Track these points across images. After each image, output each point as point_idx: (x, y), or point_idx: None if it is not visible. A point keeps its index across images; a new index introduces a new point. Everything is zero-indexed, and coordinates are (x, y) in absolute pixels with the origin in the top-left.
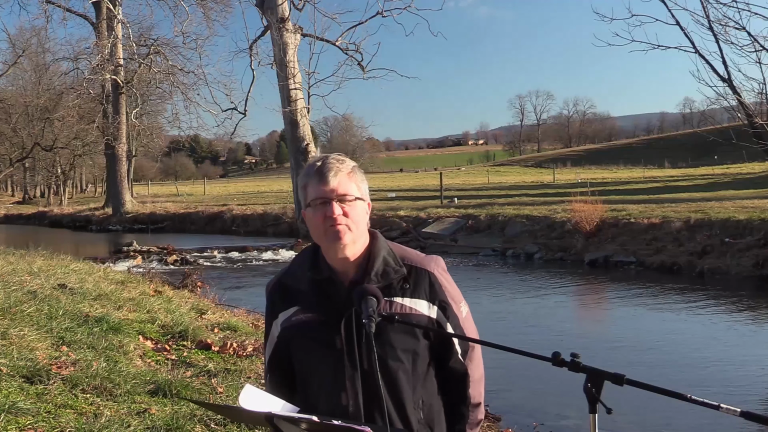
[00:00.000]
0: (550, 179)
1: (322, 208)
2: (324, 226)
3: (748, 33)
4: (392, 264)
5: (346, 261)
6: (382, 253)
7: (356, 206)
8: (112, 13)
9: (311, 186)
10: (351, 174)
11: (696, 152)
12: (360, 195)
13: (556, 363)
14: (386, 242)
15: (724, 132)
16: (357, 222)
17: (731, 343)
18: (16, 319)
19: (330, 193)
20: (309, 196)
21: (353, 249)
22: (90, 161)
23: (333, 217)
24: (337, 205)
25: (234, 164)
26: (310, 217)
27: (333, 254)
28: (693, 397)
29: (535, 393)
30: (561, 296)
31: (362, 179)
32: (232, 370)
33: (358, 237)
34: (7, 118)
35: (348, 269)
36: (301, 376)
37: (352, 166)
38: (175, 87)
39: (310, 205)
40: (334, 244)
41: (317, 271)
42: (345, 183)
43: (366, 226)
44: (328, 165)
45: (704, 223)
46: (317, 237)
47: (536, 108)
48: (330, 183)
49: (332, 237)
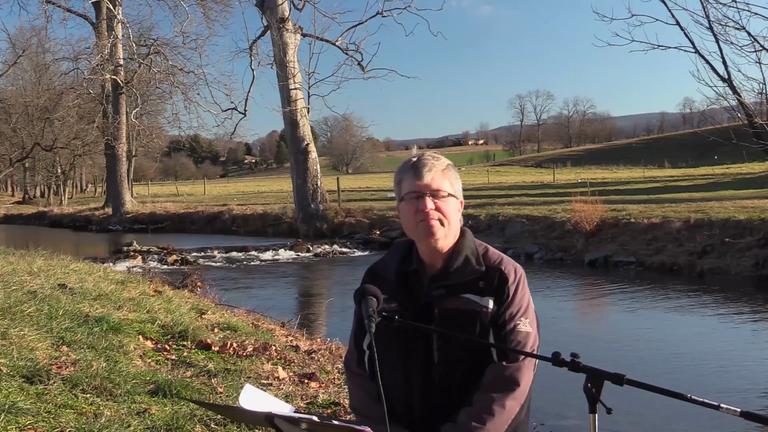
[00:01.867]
0: (550, 179)
1: (415, 202)
2: (416, 219)
3: (748, 33)
4: (473, 263)
5: (435, 255)
6: (465, 251)
7: (449, 202)
8: (112, 13)
9: (406, 180)
10: (445, 171)
11: (696, 152)
12: (453, 192)
13: (556, 363)
14: (473, 240)
15: (724, 132)
16: (449, 217)
17: (731, 342)
18: (16, 319)
19: (424, 187)
20: (403, 190)
21: (444, 243)
22: (90, 161)
23: (425, 211)
24: (430, 199)
25: (234, 164)
26: (404, 210)
27: (424, 247)
28: (693, 397)
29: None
30: (561, 296)
31: (456, 177)
32: (232, 370)
33: (450, 232)
34: (7, 118)
35: (435, 263)
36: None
37: (447, 164)
38: (175, 87)
39: (404, 198)
40: (426, 238)
41: (406, 263)
42: (439, 179)
43: (458, 223)
44: (423, 161)
45: (704, 223)
46: (409, 230)
47: (536, 108)
48: (424, 178)
49: (424, 231)
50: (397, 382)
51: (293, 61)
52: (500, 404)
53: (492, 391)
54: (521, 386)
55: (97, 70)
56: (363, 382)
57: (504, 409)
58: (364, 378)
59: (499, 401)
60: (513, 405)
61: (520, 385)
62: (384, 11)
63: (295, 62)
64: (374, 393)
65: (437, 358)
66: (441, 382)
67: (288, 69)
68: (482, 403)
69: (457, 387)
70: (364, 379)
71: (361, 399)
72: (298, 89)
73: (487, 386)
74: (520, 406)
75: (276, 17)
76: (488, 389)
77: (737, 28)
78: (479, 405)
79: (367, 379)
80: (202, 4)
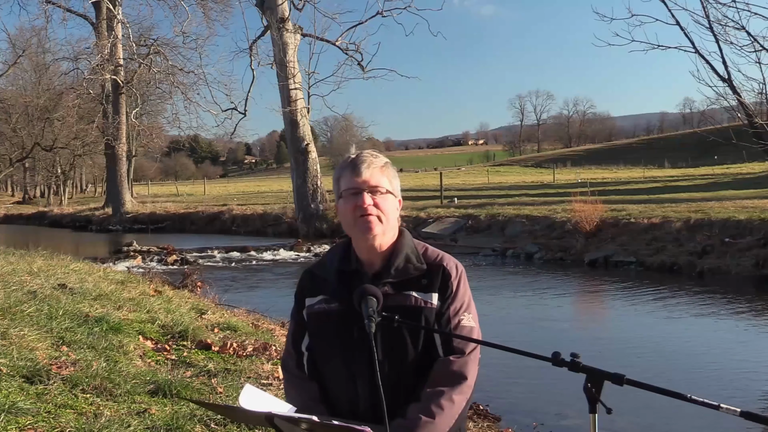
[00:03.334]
0: (550, 179)
1: (353, 198)
2: (354, 215)
3: (747, 33)
4: (414, 261)
5: (373, 253)
6: (405, 250)
7: (387, 199)
8: (112, 13)
9: (344, 177)
10: (384, 168)
11: (696, 152)
12: (391, 189)
13: (556, 363)
14: (412, 239)
15: (724, 132)
16: (387, 214)
17: (731, 342)
18: (16, 319)
19: (362, 184)
20: (341, 187)
21: (382, 240)
22: (90, 161)
23: (364, 206)
24: (369, 195)
25: (234, 164)
26: (342, 207)
27: (362, 245)
28: (693, 397)
29: (535, 393)
30: (561, 296)
31: (394, 175)
32: (232, 370)
33: (388, 229)
34: (7, 118)
35: (374, 262)
36: (319, 363)
37: (385, 162)
38: (175, 87)
39: (342, 195)
40: (365, 234)
41: (346, 262)
42: (377, 176)
43: (396, 221)
44: (361, 158)
45: (704, 223)
46: (347, 227)
47: (536, 108)
48: (363, 174)
49: (362, 227)
50: (340, 381)
51: (293, 61)
52: (449, 398)
53: (440, 385)
54: (468, 380)
55: (97, 70)
56: (303, 383)
57: (453, 403)
58: (303, 380)
59: (448, 395)
60: (461, 399)
61: (467, 379)
62: (384, 11)
63: (295, 62)
64: (315, 393)
65: (381, 356)
66: (386, 379)
67: (288, 69)
68: (431, 398)
69: (403, 384)
70: (303, 381)
71: (302, 401)
72: (298, 89)
73: (435, 381)
74: (467, 401)
75: (276, 17)
76: (436, 384)
77: (737, 28)
78: (428, 399)
79: (307, 380)
80: (202, 4)
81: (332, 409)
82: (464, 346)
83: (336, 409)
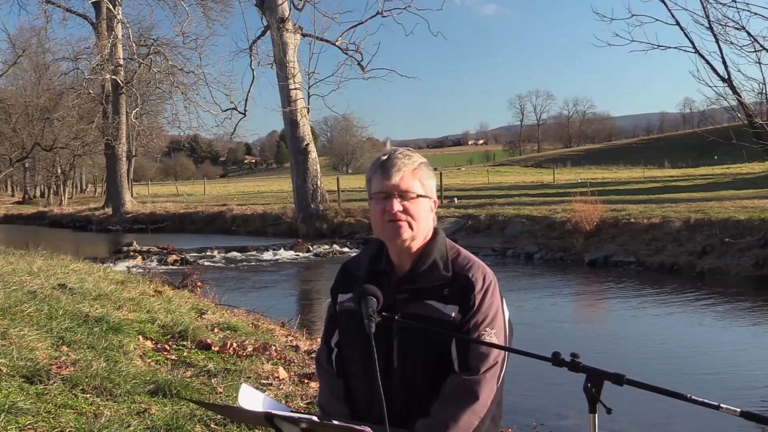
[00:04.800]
0: (550, 179)
1: (382, 202)
2: (383, 220)
3: (747, 33)
4: (440, 268)
5: (402, 256)
6: (433, 255)
7: (419, 203)
8: (112, 13)
9: (375, 179)
10: (416, 170)
11: (696, 152)
12: (424, 192)
13: (556, 363)
14: (445, 243)
15: (724, 132)
16: (418, 219)
17: (731, 342)
18: (16, 319)
19: (392, 188)
20: (372, 189)
21: (411, 245)
22: (90, 161)
23: (392, 212)
24: (398, 201)
25: (234, 164)
26: (372, 209)
27: (392, 248)
28: (693, 397)
29: (535, 393)
30: (561, 296)
31: (429, 176)
32: (232, 370)
33: (419, 234)
34: (7, 118)
35: (403, 264)
36: (345, 360)
37: (419, 163)
38: (175, 87)
39: (372, 198)
40: (393, 239)
41: (377, 262)
42: (408, 179)
43: (429, 224)
44: (392, 160)
45: (704, 223)
46: (376, 230)
47: (536, 108)
48: (392, 178)
49: (390, 233)
50: (359, 381)
51: (293, 61)
52: (455, 418)
53: (448, 402)
54: (480, 399)
55: (97, 70)
56: (330, 378)
57: (457, 423)
58: (331, 375)
59: (455, 414)
60: (470, 419)
61: (479, 399)
62: (384, 11)
63: (295, 62)
64: (339, 391)
65: (396, 362)
66: (401, 386)
67: (288, 69)
68: (438, 415)
69: (417, 393)
70: (330, 375)
71: (327, 396)
72: (298, 89)
73: (444, 398)
74: (480, 420)
75: (276, 17)
76: (445, 401)
77: (737, 28)
78: (434, 416)
79: (334, 376)
80: (202, 4)
81: (353, 409)
82: (480, 364)
83: (357, 409)
